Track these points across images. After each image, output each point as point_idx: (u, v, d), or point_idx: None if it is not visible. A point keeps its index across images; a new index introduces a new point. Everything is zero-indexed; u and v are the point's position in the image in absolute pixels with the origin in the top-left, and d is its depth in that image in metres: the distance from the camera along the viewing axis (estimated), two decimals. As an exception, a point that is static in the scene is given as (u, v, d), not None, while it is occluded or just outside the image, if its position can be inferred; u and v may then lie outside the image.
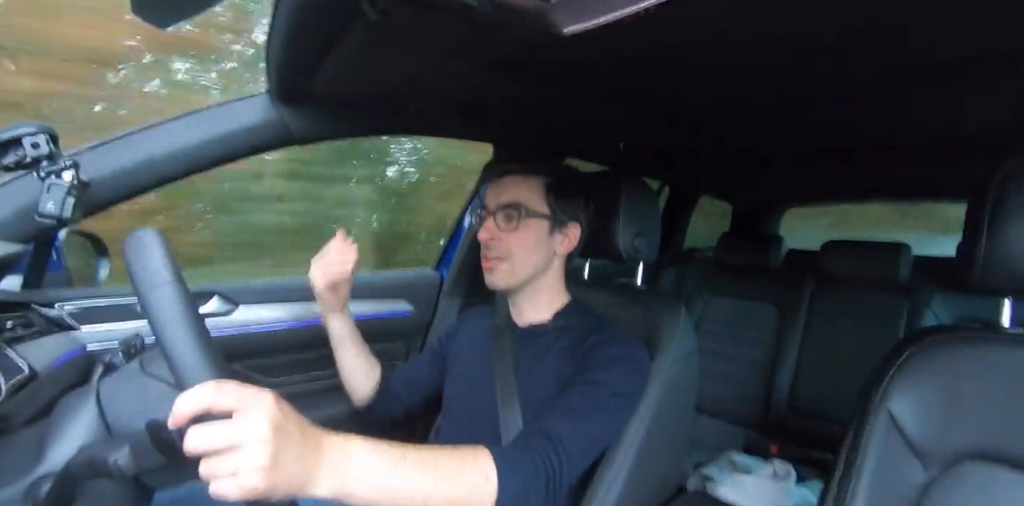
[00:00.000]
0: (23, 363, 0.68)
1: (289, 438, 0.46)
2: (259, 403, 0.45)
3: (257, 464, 0.43)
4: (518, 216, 0.91)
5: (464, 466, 0.64)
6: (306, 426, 0.50)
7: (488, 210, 0.95)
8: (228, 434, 0.43)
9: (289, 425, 0.47)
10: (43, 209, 0.66)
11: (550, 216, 0.93)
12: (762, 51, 0.78)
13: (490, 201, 0.95)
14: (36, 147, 0.65)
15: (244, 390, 0.45)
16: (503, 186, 0.95)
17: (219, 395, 0.43)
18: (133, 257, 0.47)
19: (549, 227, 0.93)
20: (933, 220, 3.80)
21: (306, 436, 0.49)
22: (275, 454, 0.44)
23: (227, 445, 0.43)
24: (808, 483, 1.48)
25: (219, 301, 1.12)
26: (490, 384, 0.92)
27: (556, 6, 0.48)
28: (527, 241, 0.92)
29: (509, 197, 0.93)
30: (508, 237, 0.92)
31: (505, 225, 0.92)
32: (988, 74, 0.82)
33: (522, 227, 0.91)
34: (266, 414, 0.44)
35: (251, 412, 0.44)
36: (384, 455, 0.55)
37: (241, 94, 0.89)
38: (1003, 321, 0.70)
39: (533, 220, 0.92)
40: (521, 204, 0.92)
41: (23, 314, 0.83)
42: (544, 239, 0.93)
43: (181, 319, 0.46)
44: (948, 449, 0.63)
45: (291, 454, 0.46)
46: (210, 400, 0.43)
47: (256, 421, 0.44)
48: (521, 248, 0.92)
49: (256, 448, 0.43)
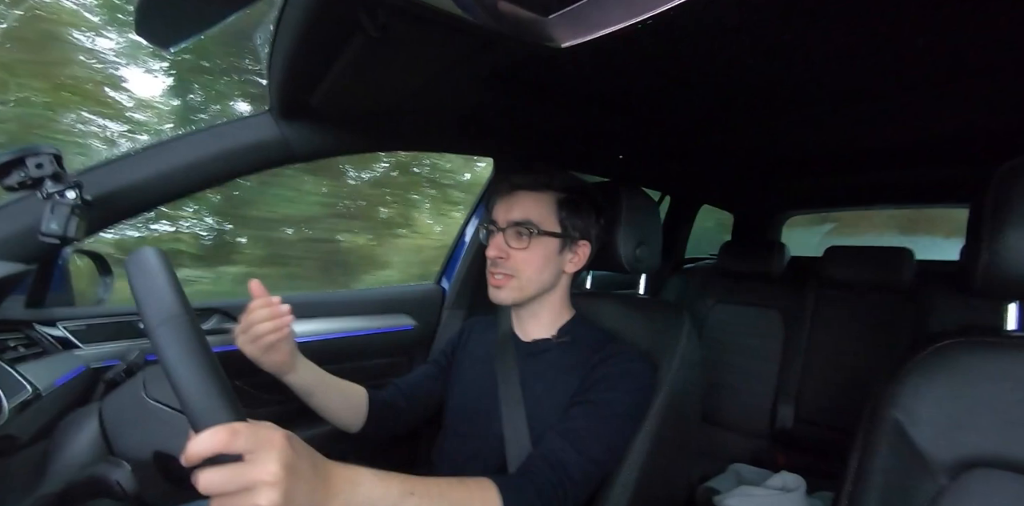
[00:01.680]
0: (26, 382, 0.67)
1: (300, 477, 0.47)
2: (271, 445, 0.45)
3: (269, 504, 0.43)
4: (529, 234, 0.89)
5: (471, 498, 0.64)
6: (317, 460, 0.51)
7: (498, 225, 0.93)
8: (241, 476, 0.43)
9: (301, 464, 0.47)
10: (46, 228, 0.66)
11: (561, 234, 0.92)
12: (760, 60, 0.79)
13: (500, 216, 0.93)
14: (40, 167, 0.66)
15: (257, 433, 0.45)
16: (514, 201, 0.92)
17: (232, 439, 0.43)
18: (137, 281, 0.47)
19: (560, 245, 0.92)
20: (948, 224, 3.76)
21: (317, 471, 0.50)
22: (287, 494, 0.44)
23: (239, 488, 0.43)
24: (819, 494, 1.46)
25: (220, 318, 1.12)
26: (494, 400, 0.91)
27: (554, 20, 0.49)
28: (537, 259, 0.90)
29: (520, 214, 0.91)
30: (517, 255, 0.90)
31: (515, 242, 0.90)
32: (989, 78, 0.82)
33: (532, 245, 0.90)
34: (278, 455, 0.45)
35: (263, 453, 0.44)
36: (392, 487, 0.56)
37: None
38: (1008, 325, 0.70)
39: (544, 238, 0.90)
40: (532, 222, 0.90)
41: (26, 333, 0.83)
42: (554, 257, 0.92)
43: (191, 357, 0.45)
44: (957, 456, 0.63)
45: (303, 492, 0.46)
46: (224, 444, 0.43)
47: (268, 462, 0.44)
48: (530, 266, 0.90)
49: (268, 490, 0.43)
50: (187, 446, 0.43)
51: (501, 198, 0.95)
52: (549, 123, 1.13)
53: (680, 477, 1.04)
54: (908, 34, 0.69)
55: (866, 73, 0.84)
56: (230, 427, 0.44)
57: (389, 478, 0.56)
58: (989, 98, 0.92)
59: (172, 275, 0.48)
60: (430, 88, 0.84)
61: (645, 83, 0.92)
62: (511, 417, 0.88)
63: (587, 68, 0.82)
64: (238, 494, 0.43)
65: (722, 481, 1.51)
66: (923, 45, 0.72)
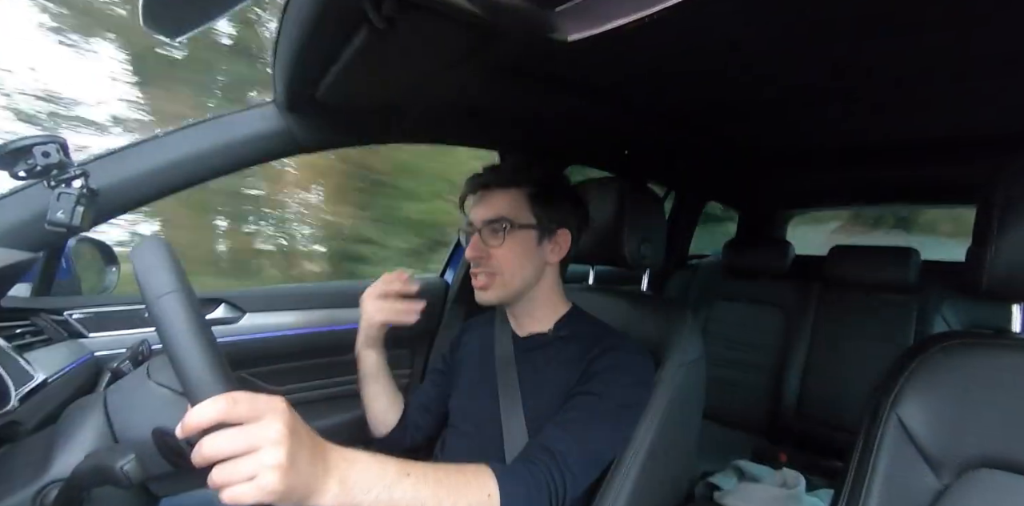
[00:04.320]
0: (33, 370, 0.68)
1: (302, 442, 0.47)
2: (273, 408, 0.45)
3: (275, 463, 0.43)
4: (503, 230, 0.88)
5: (467, 482, 0.65)
6: (315, 436, 0.51)
7: (473, 226, 0.91)
8: (244, 438, 0.43)
9: (301, 430, 0.48)
10: (53, 217, 0.66)
11: (536, 225, 0.90)
12: (765, 55, 0.78)
13: (474, 216, 0.92)
14: (47, 156, 0.66)
15: (256, 400, 0.45)
16: (485, 200, 0.91)
17: (232, 408, 0.43)
18: (140, 265, 0.48)
19: (537, 236, 0.90)
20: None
21: (315, 443, 0.50)
22: (291, 454, 0.44)
23: (244, 449, 0.43)
24: (818, 491, 1.46)
25: (226, 308, 1.13)
26: (493, 396, 0.91)
27: (561, 13, 0.48)
28: (516, 254, 0.89)
29: (493, 212, 0.89)
30: (496, 252, 0.89)
31: (492, 240, 0.89)
32: (995, 73, 0.81)
33: (509, 240, 0.88)
34: (281, 416, 0.45)
35: (266, 416, 0.45)
36: (388, 468, 0.56)
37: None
38: (1014, 327, 0.70)
39: (520, 232, 0.89)
40: (505, 218, 0.88)
41: (32, 321, 0.84)
42: (533, 249, 0.90)
43: (189, 329, 0.45)
44: (960, 456, 0.62)
45: (305, 456, 0.47)
46: (223, 414, 0.43)
47: (271, 423, 0.44)
48: (510, 262, 0.89)
49: (273, 449, 0.44)
50: (185, 416, 0.43)
51: (472, 197, 0.94)
52: (555, 117, 1.13)
53: (681, 473, 1.04)
54: (914, 31, 0.68)
55: (873, 70, 0.83)
56: (229, 396, 0.44)
57: (386, 460, 0.57)
58: (997, 96, 0.91)
59: (174, 258, 0.49)
60: (435, 80, 0.83)
61: (651, 78, 0.91)
62: (509, 413, 0.88)
63: (593, 62, 0.82)
64: (242, 457, 0.43)
65: (723, 478, 1.52)
66: (929, 42, 0.71)
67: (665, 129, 1.24)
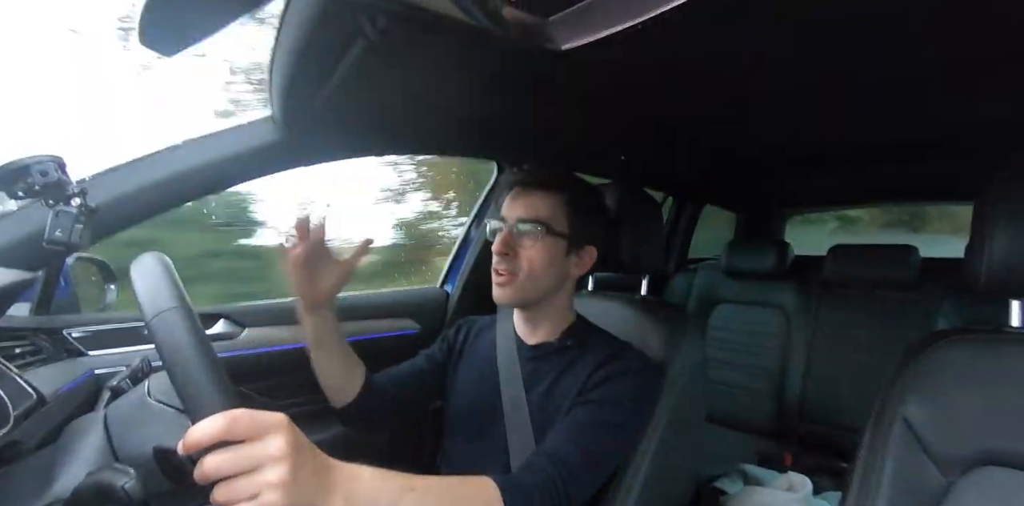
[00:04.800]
0: (31, 389, 0.67)
1: (305, 458, 0.46)
2: (275, 424, 0.45)
3: (278, 481, 0.43)
4: (538, 233, 0.88)
5: (470, 495, 0.64)
6: (317, 452, 0.50)
7: (507, 222, 0.91)
8: (246, 456, 0.43)
9: (304, 446, 0.47)
10: (51, 236, 0.66)
11: (569, 236, 0.90)
12: (760, 59, 0.79)
13: (509, 213, 0.91)
14: (44, 175, 0.65)
15: (258, 416, 0.45)
16: (525, 199, 0.91)
17: (233, 425, 0.43)
18: (139, 281, 0.48)
19: (566, 248, 0.91)
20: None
21: (318, 460, 0.49)
22: (294, 472, 0.44)
23: (246, 466, 0.43)
24: (826, 494, 1.45)
25: (226, 323, 1.12)
26: (497, 404, 0.91)
27: (555, 22, 0.49)
28: (542, 259, 0.88)
29: (532, 212, 0.89)
30: (524, 252, 0.88)
31: (522, 240, 0.89)
32: (993, 73, 0.82)
33: (540, 244, 0.88)
34: (284, 433, 0.45)
35: (268, 433, 0.44)
36: (392, 483, 0.56)
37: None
38: (1013, 321, 0.70)
39: (551, 238, 0.89)
40: (543, 220, 0.88)
41: (31, 340, 0.84)
42: (559, 259, 0.90)
43: (189, 346, 0.45)
44: (965, 453, 0.62)
45: (308, 473, 0.46)
46: (224, 431, 0.43)
47: (274, 440, 0.44)
48: (535, 266, 0.88)
49: (276, 466, 0.43)
50: (186, 434, 0.42)
51: (511, 194, 0.94)
52: (552, 125, 1.13)
53: (686, 477, 1.03)
54: (910, 31, 0.68)
55: (868, 70, 0.83)
56: (230, 413, 0.43)
57: (389, 474, 0.56)
58: (994, 93, 0.91)
59: (172, 274, 0.49)
60: (432, 92, 0.84)
61: (647, 84, 0.92)
62: (514, 420, 0.88)
63: (588, 70, 0.82)
64: (245, 475, 0.42)
65: (728, 482, 1.51)
66: (925, 41, 0.72)
67: (661, 135, 1.24)
